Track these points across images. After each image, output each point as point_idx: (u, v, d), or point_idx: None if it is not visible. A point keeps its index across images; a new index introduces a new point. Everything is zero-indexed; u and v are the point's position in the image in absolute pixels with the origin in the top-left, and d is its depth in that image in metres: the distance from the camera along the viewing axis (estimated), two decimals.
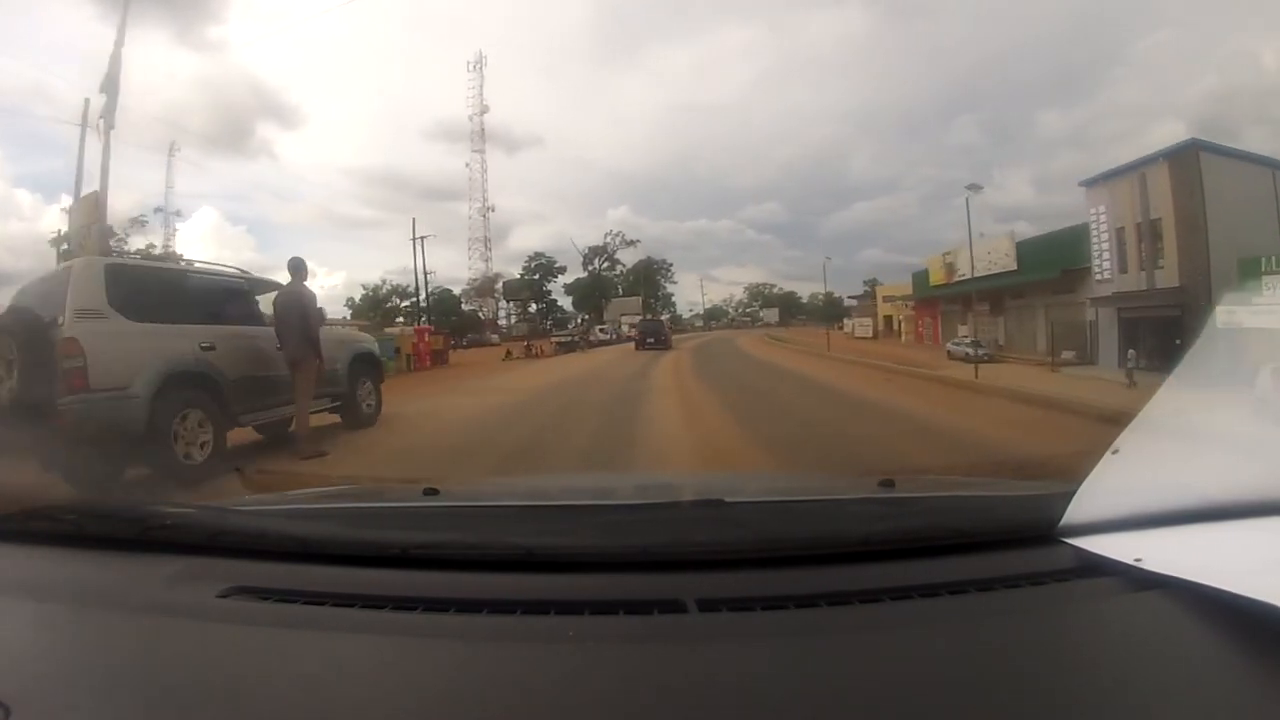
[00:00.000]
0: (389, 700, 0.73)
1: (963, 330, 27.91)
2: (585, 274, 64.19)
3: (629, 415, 8.84)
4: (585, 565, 1.00)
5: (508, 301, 56.77)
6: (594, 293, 63.06)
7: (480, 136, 53.17)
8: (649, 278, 65.69)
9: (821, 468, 5.47)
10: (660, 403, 10.40)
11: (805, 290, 75.46)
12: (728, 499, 1.16)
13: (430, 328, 31.69)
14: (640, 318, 49.22)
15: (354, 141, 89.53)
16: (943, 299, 32.24)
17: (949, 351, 23.44)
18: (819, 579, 0.95)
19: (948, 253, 30.85)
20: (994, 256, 26.34)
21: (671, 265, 69.66)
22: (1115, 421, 1.09)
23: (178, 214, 40.84)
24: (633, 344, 33.60)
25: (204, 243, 53.10)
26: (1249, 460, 1.00)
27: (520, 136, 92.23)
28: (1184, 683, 0.73)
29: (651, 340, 30.56)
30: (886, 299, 43.69)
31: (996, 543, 1.04)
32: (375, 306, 48.51)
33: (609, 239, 65.91)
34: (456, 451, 6.75)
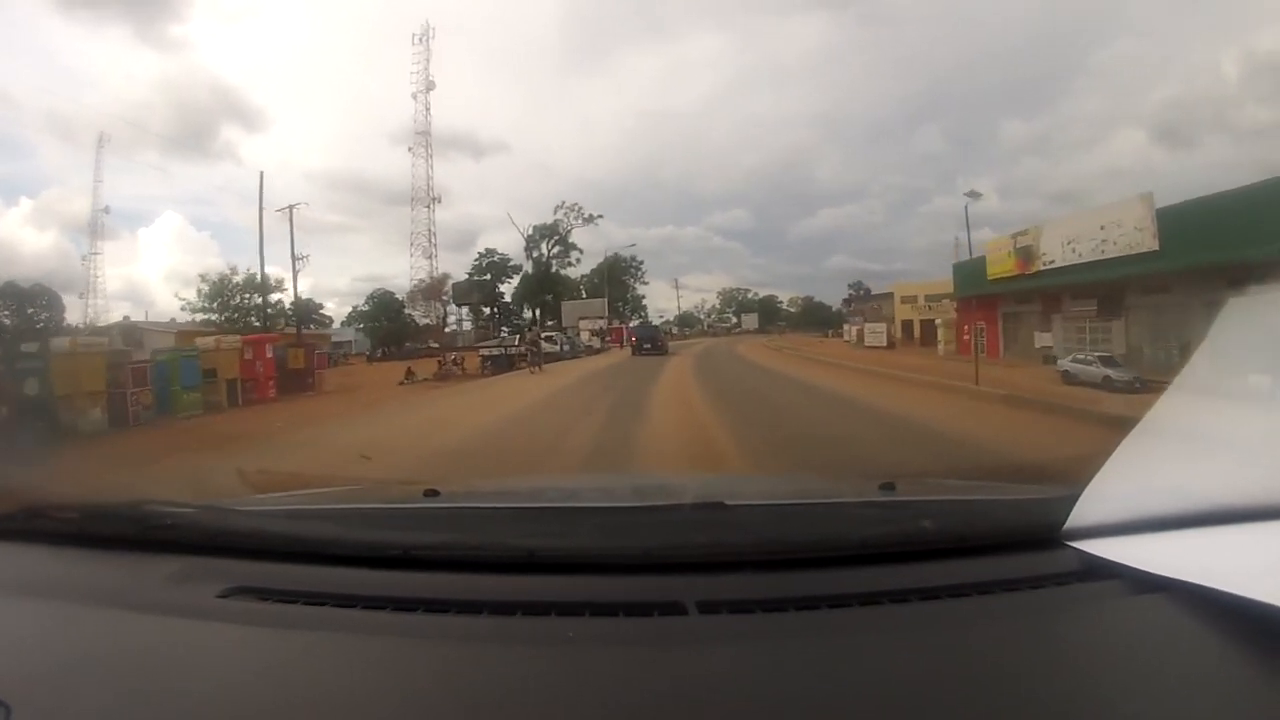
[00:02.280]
0: (389, 701, 0.73)
1: (1043, 338, 20.74)
2: (530, 264, 51.01)
3: None
4: (586, 567, 1.00)
5: (458, 305, 48.67)
6: (542, 288, 50.19)
7: (425, 116, 45.20)
8: (615, 277, 53.75)
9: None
10: None
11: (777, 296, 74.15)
12: (728, 501, 1.16)
13: (277, 336, 20.19)
14: (604, 323, 43.32)
15: (319, 145, 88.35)
16: (1008, 296, 23.40)
17: (1066, 373, 15.25)
18: (819, 582, 0.95)
19: (1020, 233, 22.40)
20: (1114, 233, 17.89)
21: (643, 263, 60.16)
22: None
23: (106, 210, 37.20)
24: (601, 360, 28.49)
25: (168, 248, 50.63)
26: (1252, 464, 0.99)
27: (486, 142, 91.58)
28: (1188, 685, 0.72)
29: (648, 346, 31.30)
30: (906, 299, 37.06)
31: (998, 546, 1.03)
32: (222, 303, 35.42)
33: (560, 213, 51.81)
34: None
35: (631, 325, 47.32)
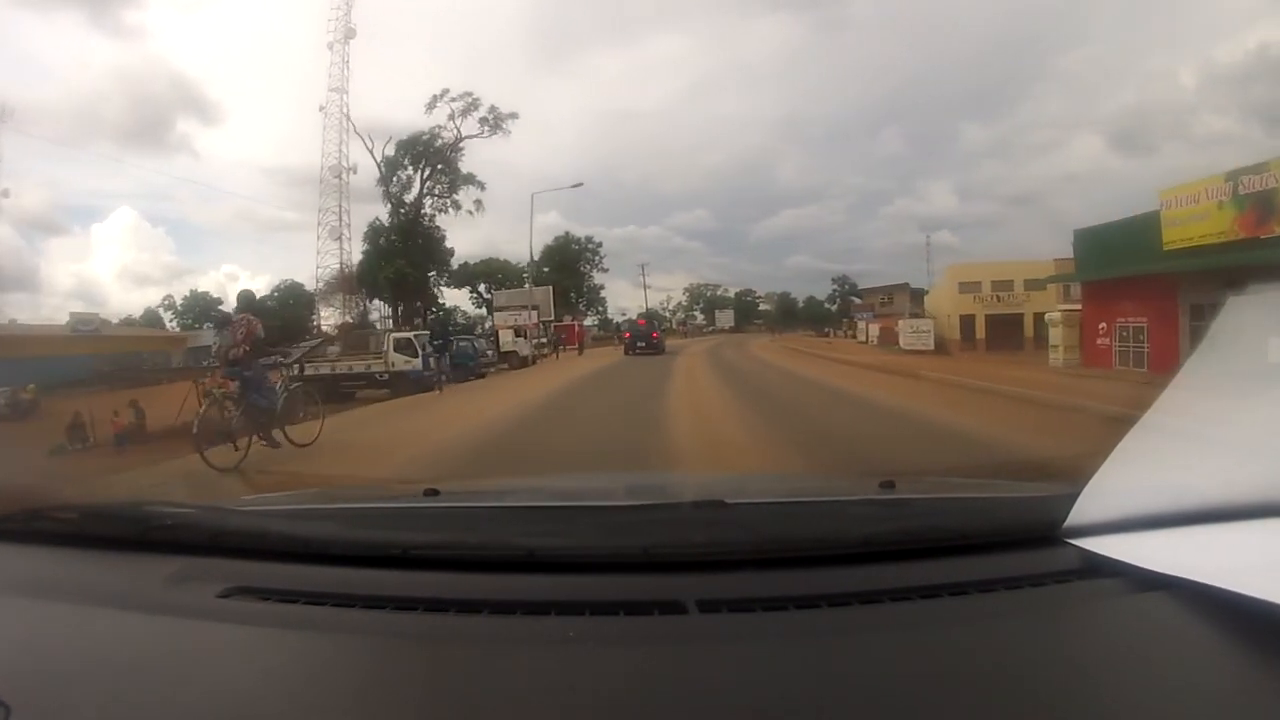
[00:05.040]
0: (389, 701, 0.72)
1: None
2: (388, 208, 34.72)
3: None
4: (586, 566, 1.00)
5: (383, 301, 36.71)
6: (406, 247, 33.77)
7: (343, 70, 32.62)
8: (566, 262, 44.56)
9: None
10: None
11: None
12: (728, 500, 1.16)
13: None
14: (532, 314, 31.93)
15: (277, 140, 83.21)
16: (1206, 276, 12.92)
17: None
18: (819, 580, 0.95)
19: (1247, 169, 13.17)
20: None
21: (600, 245, 48.76)
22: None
23: (5, 194, 30.13)
24: (517, 387, 13.93)
25: (121, 244, 46.84)
26: (1253, 461, 1.00)
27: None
28: (1188, 683, 0.72)
29: (642, 344, 28.46)
30: (966, 287, 27.36)
31: (999, 544, 1.03)
32: None
33: (439, 107, 33.53)
34: None
35: (585, 324, 42.67)
